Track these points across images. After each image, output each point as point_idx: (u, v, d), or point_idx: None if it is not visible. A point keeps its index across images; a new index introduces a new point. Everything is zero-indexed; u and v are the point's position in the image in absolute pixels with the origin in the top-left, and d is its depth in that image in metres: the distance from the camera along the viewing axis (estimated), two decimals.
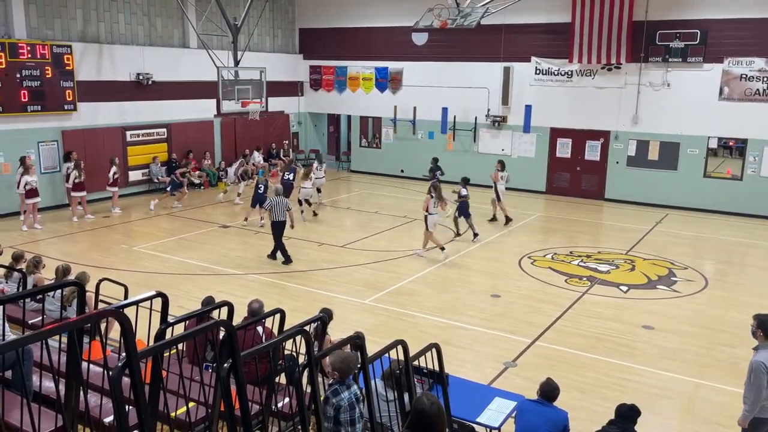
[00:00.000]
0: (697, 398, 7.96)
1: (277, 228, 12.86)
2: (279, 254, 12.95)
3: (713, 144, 18.60)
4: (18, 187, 14.97)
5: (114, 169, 16.97)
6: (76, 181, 15.99)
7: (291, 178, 17.24)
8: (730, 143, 20.54)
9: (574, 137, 20.08)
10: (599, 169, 19.87)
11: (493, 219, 16.63)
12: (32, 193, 15.03)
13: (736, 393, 6.63)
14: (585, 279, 12.23)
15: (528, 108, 20.36)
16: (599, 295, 11.37)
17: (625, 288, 11.76)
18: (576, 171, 20.22)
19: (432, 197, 13.27)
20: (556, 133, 20.38)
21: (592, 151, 19.86)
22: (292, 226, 13.04)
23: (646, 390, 7.88)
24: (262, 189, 15.68)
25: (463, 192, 14.77)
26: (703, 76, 17.76)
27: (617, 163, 19.55)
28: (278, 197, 12.93)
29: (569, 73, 19.66)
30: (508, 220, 16.39)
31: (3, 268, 8.09)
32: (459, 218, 14.84)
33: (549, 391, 5.58)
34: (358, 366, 4.79)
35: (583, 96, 19.55)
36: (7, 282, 8.02)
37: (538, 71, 20.12)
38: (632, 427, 5.33)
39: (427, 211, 13.29)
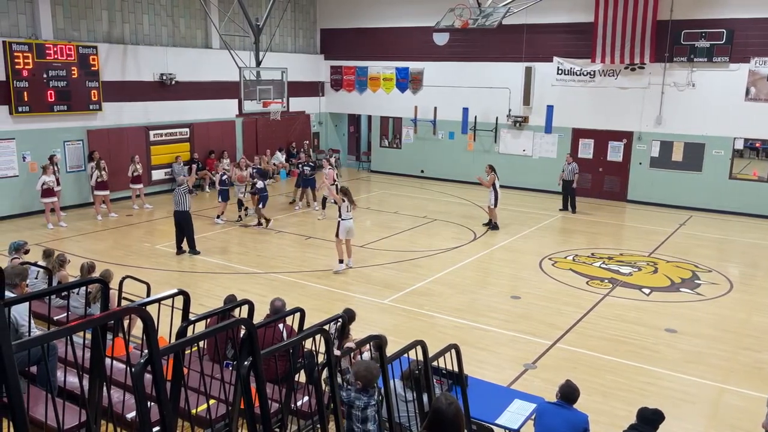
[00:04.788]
0: (721, 403, 7.83)
1: (177, 218, 13.20)
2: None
3: (739, 145, 18.29)
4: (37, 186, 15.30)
5: (133, 166, 17.36)
6: (99, 180, 16.26)
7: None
8: (757, 144, 20.18)
9: (597, 138, 19.88)
10: (622, 170, 19.66)
11: (495, 226, 15.80)
12: (47, 192, 15.27)
13: (761, 398, 6.52)
14: (607, 281, 12.10)
15: (550, 108, 20.21)
16: (621, 297, 11.25)
17: (647, 291, 11.62)
18: (598, 172, 20.02)
19: (344, 201, 12.13)
20: (578, 134, 20.20)
21: (615, 152, 19.64)
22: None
23: (668, 394, 7.78)
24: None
25: (260, 185, 15.63)
26: (728, 76, 17.47)
27: (640, 164, 19.32)
28: (179, 187, 13.27)
29: (592, 73, 19.47)
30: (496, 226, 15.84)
31: (34, 266, 8.23)
32: (261, 208, 15.61)
33: (569, 393, 5.51)
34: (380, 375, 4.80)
35: (605, 96, 19.35)
36: (36, 278, 8.17)
37: (560, 71, 19.96)
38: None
39: (339, 216, 12.14)
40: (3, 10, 15.64)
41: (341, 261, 12.36)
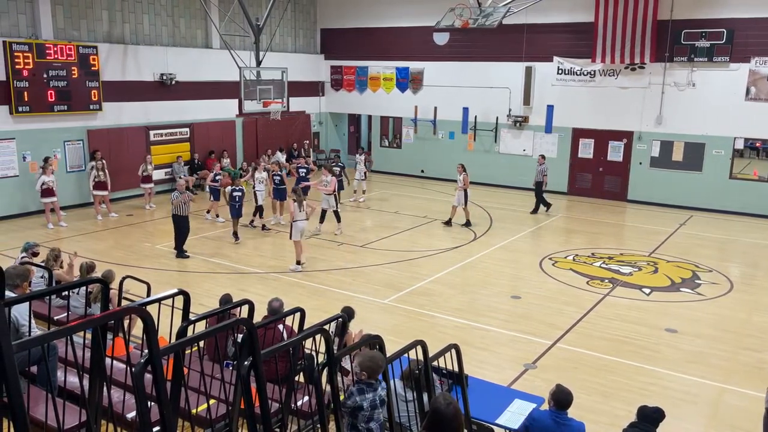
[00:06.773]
0: (721, 403, 7.83)
1: (173, 221, 13.21)
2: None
3: (739, 145, 18.28)
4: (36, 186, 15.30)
5: (144, 166, 17.45)
6: (96, 180, 16.27)
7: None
8: (757, 144, 20.19)
9: (597, 138, 19.88)
10: (622, 169, 19.65)
11: (449, 223, 16.19)
12: (47, 192, 15.27)
13: (761, 398, 6.51)
14: (607, 281, 12.10)
15: (550, 108, 20.21)
16: (621, 297, 11.25)
17: (647, 290, 11.61)
18: (598, 172, 20.02)
19: (294, 202, 12.42)
20: (578, 134, 20.20)
21: (615, 152, 19.64)
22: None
23: (669, 394, 7.77)
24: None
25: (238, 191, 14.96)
26: (729, 75, 17.47)
27: (640, 164, 19.31)
28: (176, 190, 13.32)
29: (592, 72, 19.47)
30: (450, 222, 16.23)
31: (36, 266, 8.22)
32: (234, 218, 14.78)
33: (563, 398, 5.22)
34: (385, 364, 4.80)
35: (606, 96, 19.34)
36: (42, 277, 8.17)
37: (560, 71, 19.95)
38: (654, 430, 5.23)
39: (292, 218, 12.35)
40: (3, 10, 15.64)
41: (299, 262, 12.44)
